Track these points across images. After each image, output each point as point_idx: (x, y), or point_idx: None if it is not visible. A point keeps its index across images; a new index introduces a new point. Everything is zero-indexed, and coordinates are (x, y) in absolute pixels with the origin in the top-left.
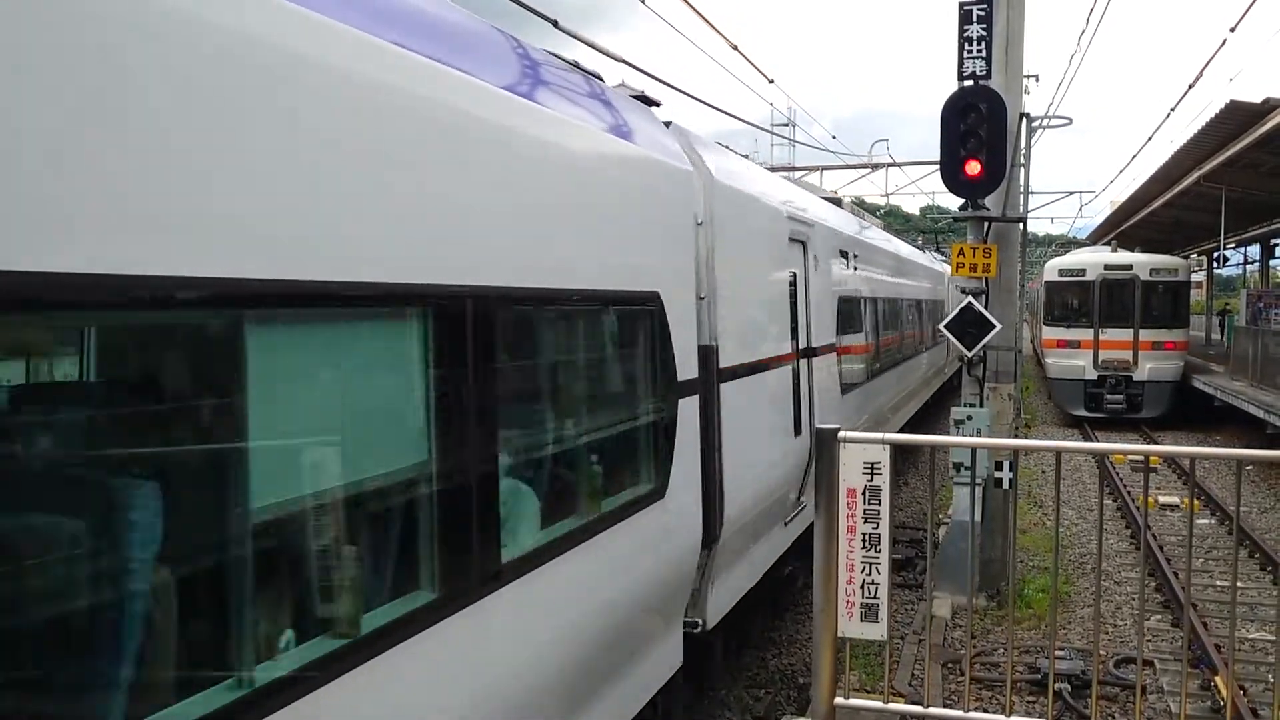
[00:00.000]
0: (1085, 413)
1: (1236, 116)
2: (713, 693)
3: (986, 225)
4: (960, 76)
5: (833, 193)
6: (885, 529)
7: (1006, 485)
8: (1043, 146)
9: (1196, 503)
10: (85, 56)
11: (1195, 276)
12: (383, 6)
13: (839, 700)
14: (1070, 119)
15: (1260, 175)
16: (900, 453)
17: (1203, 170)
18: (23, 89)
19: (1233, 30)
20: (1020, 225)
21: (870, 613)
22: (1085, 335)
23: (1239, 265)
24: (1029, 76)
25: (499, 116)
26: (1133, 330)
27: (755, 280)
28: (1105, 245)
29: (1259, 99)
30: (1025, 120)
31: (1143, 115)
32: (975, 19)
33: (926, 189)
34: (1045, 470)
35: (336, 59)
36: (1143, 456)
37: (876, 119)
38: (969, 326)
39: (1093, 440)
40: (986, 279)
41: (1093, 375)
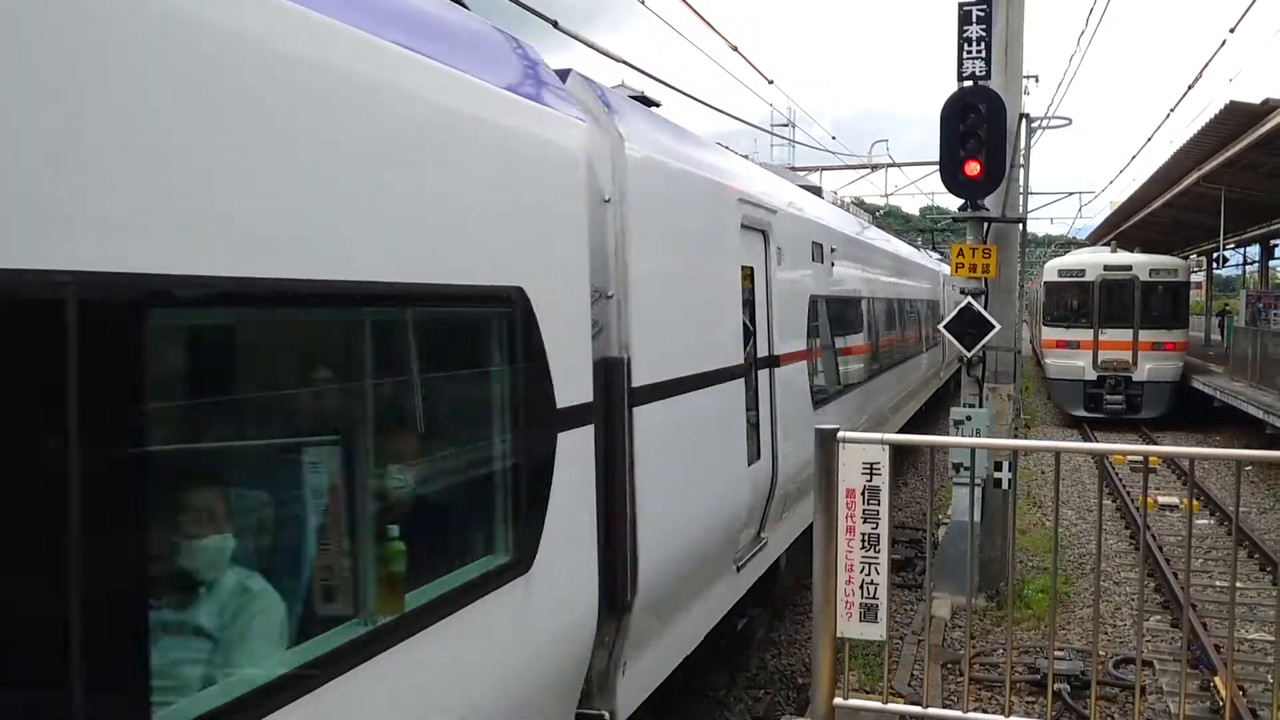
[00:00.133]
0: (1085, 413)
1: (1236, 117)
2: (712, 693)
3: (986, 226)
4: (960, 77)
5: (815, 183)
6: (884, 529)
7: (1006, 485)
8: (1042, 147)
9: (1196, 503)
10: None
11: (1195, 277)
12: None
13: (838, 700)
14: (1070, 119)
15: (1260, 176)
16: (900, 453)
17: (1202, 171)
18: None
19: (1232, 31)
20: (1020, 226)
21: (869, 613)
22: (1085, 336)
23: (1238, 266)
24: (1029, 77)
25: None
26: (1132, 331)
27: (690, 275)
28: (1105, 246)
29: (1258, 100)
30: (1025, 121)
31: (1142, 116)
32: (975, 19)
33: (926, 189)
34: (1045, 470)
35: None
36: (1142, 457)
37: (876, 119)
38: (969, 327)
39: (1092, 441)
40: (986, 279)
41: (1092, 376)
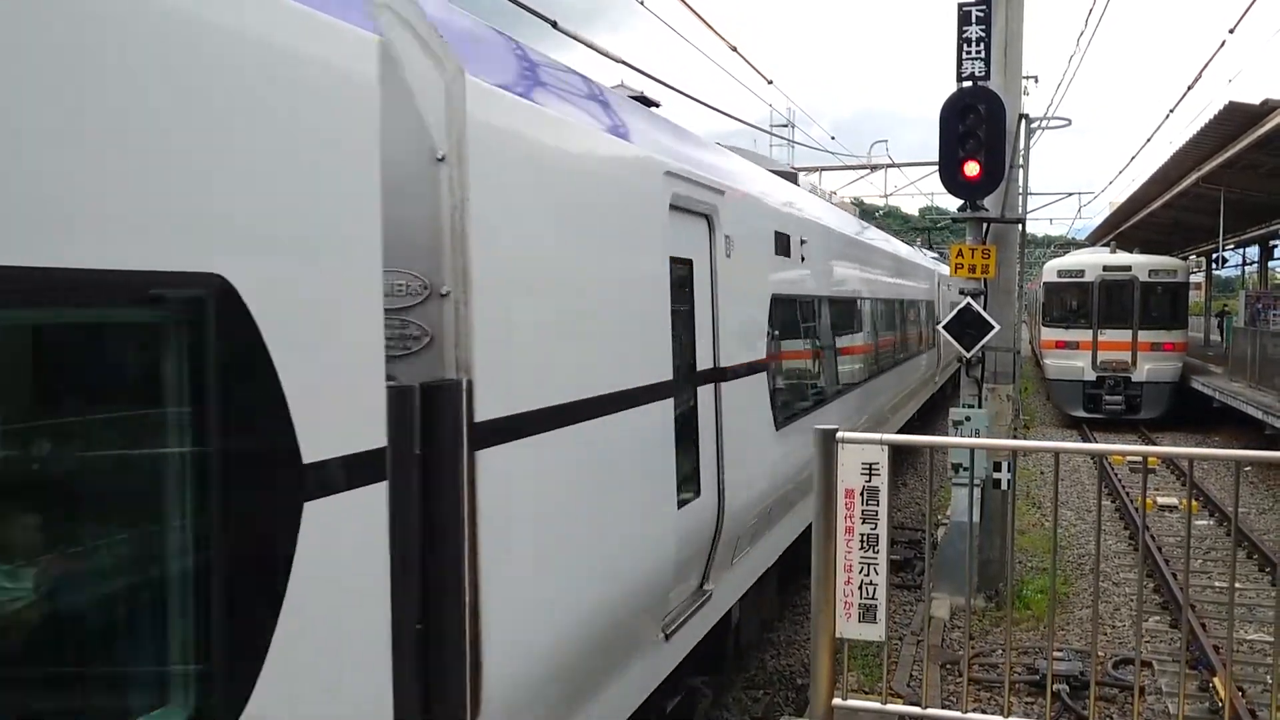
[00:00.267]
0: (1084, 414)
1: (1235, 118)
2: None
3: (985, 226)
4: (959, 77)
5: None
6: (883, 530)
7: (1005, 486)
8: (1042, 147)
9: (1195, 503)
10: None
11: (1194, 278)
12: None
13: (837, 701)
14: (1069, 120)
15: (1259, 176)
16: (899, 454)
17: (1202, 171)
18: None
19: (1232, 31)
20: (1019, 226)
21: (868, 613)
22: (1084, 336)
23: (1238, 266)
24: (1028, 77)
25: None
26: (1131, 331)
27: (581, 266)
28: (1104, 246)
29: (1258, 100)
30: (1024, 121)
31: (1142, 116)
32: (974, 20)
33: (925, 190)
34: (1044, 471)
35: None
36: (1141, 457)
37: (876, 119)
38: (968, 327)
39: (1091, 441)
40: (985, 280)
41: (1091, 376)
